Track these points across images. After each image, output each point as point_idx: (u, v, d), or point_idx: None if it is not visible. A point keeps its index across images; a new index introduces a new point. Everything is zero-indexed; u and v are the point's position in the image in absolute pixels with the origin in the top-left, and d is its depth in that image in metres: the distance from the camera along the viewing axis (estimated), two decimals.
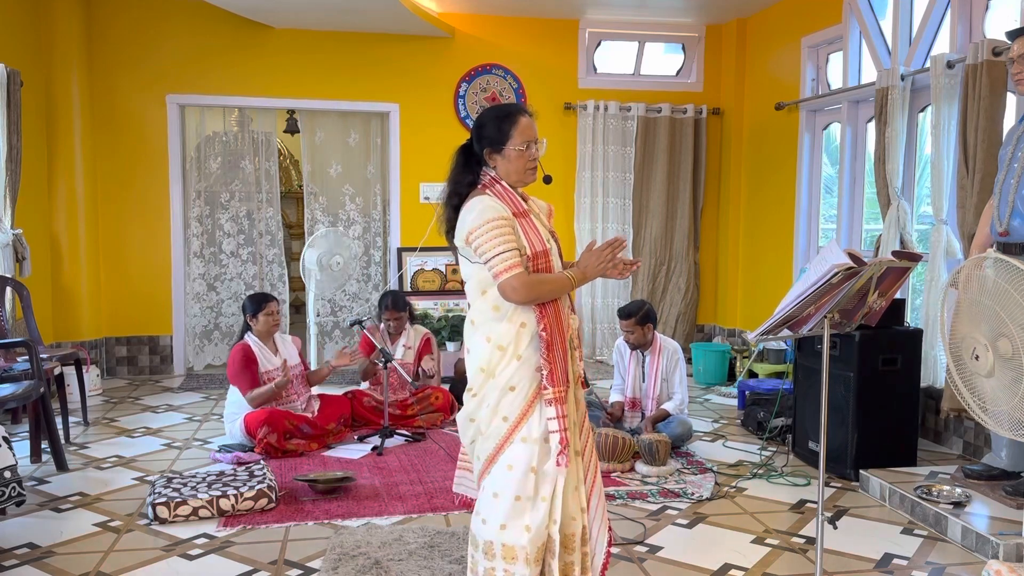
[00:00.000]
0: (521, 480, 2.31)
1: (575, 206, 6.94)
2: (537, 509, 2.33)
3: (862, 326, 2.67)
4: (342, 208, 6.93)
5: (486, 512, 2.35)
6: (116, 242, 6.36)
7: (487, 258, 2.31)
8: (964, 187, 4.18)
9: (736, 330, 6.96)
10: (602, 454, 4.03)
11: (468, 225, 2.32)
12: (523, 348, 2.33)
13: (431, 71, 6.69)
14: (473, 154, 2.43)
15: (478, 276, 2.37)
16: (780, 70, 6.36)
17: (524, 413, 2.33)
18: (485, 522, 2.35)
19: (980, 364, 2.82)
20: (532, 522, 2.32)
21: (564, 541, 2.41)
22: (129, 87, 6.28)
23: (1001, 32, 3.77)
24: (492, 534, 2.33)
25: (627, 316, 4.47)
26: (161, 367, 6.53)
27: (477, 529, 2.37)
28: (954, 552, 3.10)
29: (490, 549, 2.35)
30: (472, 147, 2.44)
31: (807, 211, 6.18)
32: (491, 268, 2.31)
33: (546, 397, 2.31)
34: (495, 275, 2.31)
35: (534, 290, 2.31)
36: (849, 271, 2.33)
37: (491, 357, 2.34)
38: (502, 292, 2.32)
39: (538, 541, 2.33)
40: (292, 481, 3.79)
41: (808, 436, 4.20)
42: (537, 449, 2.32)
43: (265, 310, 4.50)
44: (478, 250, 2.32)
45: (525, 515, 2.31)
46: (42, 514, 3.44)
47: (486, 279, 2.35)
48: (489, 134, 2.41)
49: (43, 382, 4.01)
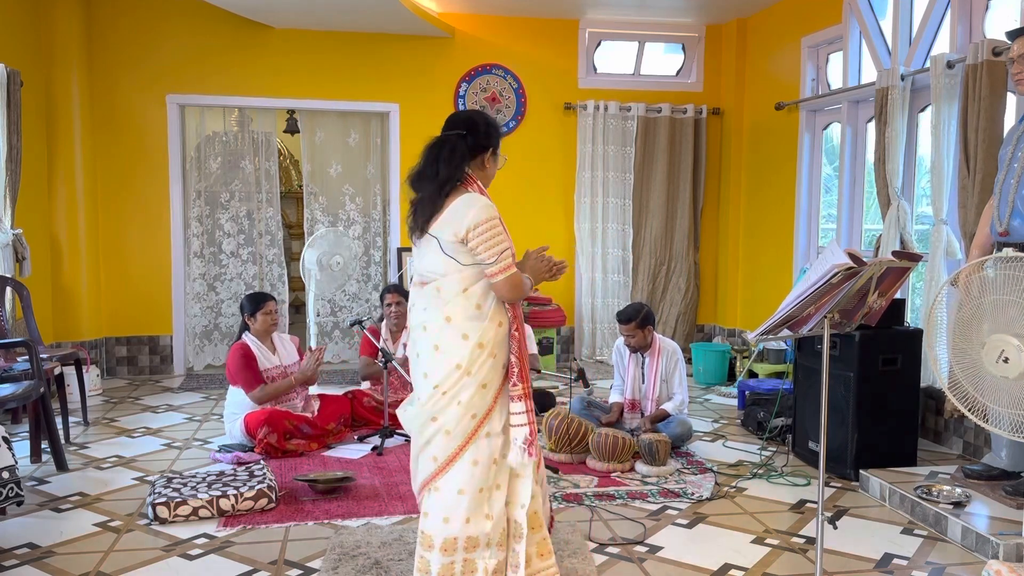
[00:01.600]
0: (484, 474, 2.41)
1: (575, 206, 6.94)
2: (497, 498, 2.45)
3: (862, 326, 2.67)
4: (342, 208, 6.93)
5: (448, 510, 2.40)
6: (116, 242, 6.36)
7: (486, 256, 2.35)
8: (964, 187, 4.17)
9: (736, 330, 6.96)
10: (602, 454, 4.03)
11: (469, 221, 2.34)
12: (497, 346, 2.41)
13: (431, 71, 6.69)
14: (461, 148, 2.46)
15: (461, 273, 2.39)
16: (780, 70, 6.36)
17: (490, 409, 2.43)
18: (448, 520, 2.40)
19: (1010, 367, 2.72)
20: (493, 510, 2.43)
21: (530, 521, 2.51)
22: (129, 87, 6.28)
23: (1001, 32, 3.77)
24: (456, 530, 2.40)
25: (627, 320, 4.45)
26: (161, 367, 6.53)
27: (435, 529, 2.41)
28: (954, 552, 3.10)
29: (452, 545, 2.41)
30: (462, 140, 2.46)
31: (807, 211, 6.18)
32: (489, 266, 2.36)
33: (515, 393, 2.42)
34: (493, 273, 2.37)
35: (521, 290, 2.42)
36: (849, 271, 2.33)
37: (470, 355, 2.38)
38: (498, 290, 2.38)
39: (500, 526, 2.44)
40: (292, 481, 3.79)
41: (808, 436, 4.20)
42: (500, 442, 2.44)
43: (263, 309, 4.50)
44: (476, 247, 2.35)
45: (485, 505, 2.42)
46: (42, 514, 3.44)
47: (469, 277, 2.39)
48: (488, 136, 2.49)
49: (43, 382, 4.01)
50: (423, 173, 2.47)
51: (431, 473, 2.43)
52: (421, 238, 2.48)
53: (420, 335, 2.45)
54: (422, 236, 2.47)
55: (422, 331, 2.45)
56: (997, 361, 2.75)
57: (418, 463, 2.49)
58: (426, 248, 2.46)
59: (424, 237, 2.46)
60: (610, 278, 7.04)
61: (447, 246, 2.39)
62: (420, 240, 2.49)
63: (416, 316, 2.48)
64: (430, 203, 2.43)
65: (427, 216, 2.43)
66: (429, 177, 2.44)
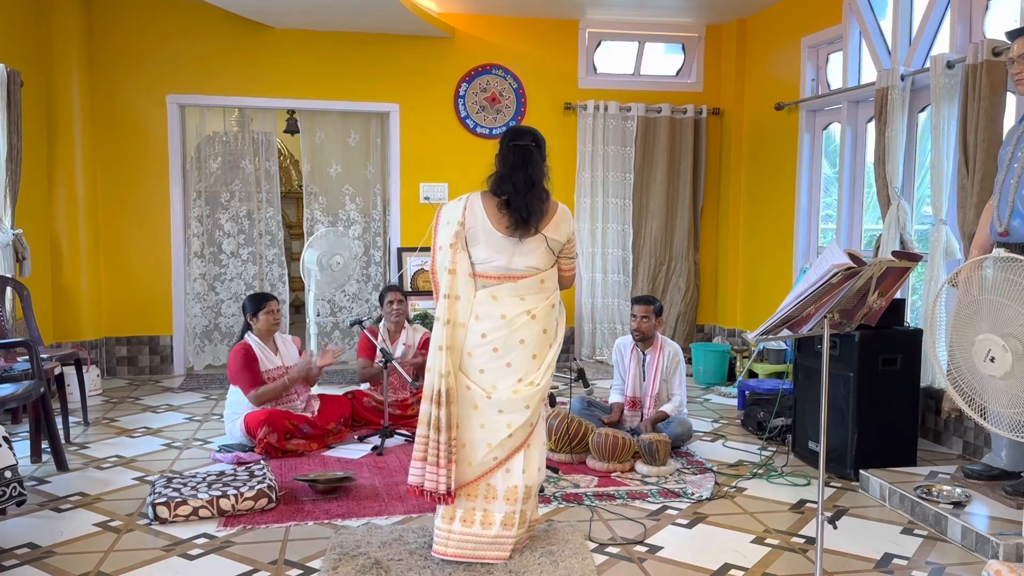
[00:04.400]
0: (543, 426, 2.97)
1: (575, 206, 6.94)
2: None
3: (862, 326, 2.68)
4: (342, 208, 6.94)
5: (539, 460, 2.91)
6: (116, 242, 6.36)
7: (575, 254, 3.00)
8: (964, 187, 4.18)
9: (736, 330, 6.96)
10: (602, 454, 4.03)
11: (573, 227, 2.95)
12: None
13: (431, 71, 6.69)
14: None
15: (554, 268, 2.93)
16: (780, 70, 6.36)
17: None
18: (540, 469, 2.91)
19: (996, 366, 2.75)
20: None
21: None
22: (129, 87, 6.29)
23: (1001, 32, 3.77)
24: (541, 476, 2.93)
25: (647, 302, 4.51)
26: (161, 367, 6.53)
27: (531, 480, 2.87)
28: (954, 552, 3.10)
29: (531, 493, 2.90)
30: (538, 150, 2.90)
31: (807, 211, 6.18)
32: (574, 261, 3.00)
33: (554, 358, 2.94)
34: (573, 267, 3.01)
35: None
36: (849, 271, 2.33)
37: (561, 333, 2.95)
38: (571, 280, 3.03)
39: None
40: (292, 481, 3.79)
41: (808, 436, 4.21)
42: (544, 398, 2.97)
43: (265, 309, 4.50)
44: (573, 248, 2.96)
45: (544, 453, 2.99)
46: (42, 514, 3.44)
47: (556, 271, 2.95)
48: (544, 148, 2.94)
49: (43, 382, 4.00)
50: (514, 180, 2.81)
51: (526, 437, 2.87)
52: (528, 238, 2.84)
53: (525, 322, 2.83)
54: (530, 236, 2.84)
55: (529, 319, 2.83)
56: (984, 360, 2.78)
57: (513, 435, 2.83)
58: (531, 247, 2.85)
59: (532, 237, 2.84)
60: (610, 278, 7.04)
61: (555, 244, 2.88)
62: (525, 240, 2.84)
63: (512, 306, 2.84)
64: (539, 207, 2.83)
65: (538, 219, 2.84)
66: (525, 183, 2.80)
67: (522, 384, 2.83)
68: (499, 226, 2.83)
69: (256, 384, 4.38)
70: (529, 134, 2.90)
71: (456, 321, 2.84)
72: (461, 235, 2.85)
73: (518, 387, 2.83)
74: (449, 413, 2.78)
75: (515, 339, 2.82)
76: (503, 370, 2.84)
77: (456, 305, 2.85)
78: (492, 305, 2.83)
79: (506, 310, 2.83)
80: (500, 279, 2.84)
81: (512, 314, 2.82)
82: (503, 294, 2.83)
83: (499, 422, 2.82)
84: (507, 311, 2.82)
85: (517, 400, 2.81)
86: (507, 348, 2.83)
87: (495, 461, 2.85)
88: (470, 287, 2.85)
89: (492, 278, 2.85)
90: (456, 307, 2.84)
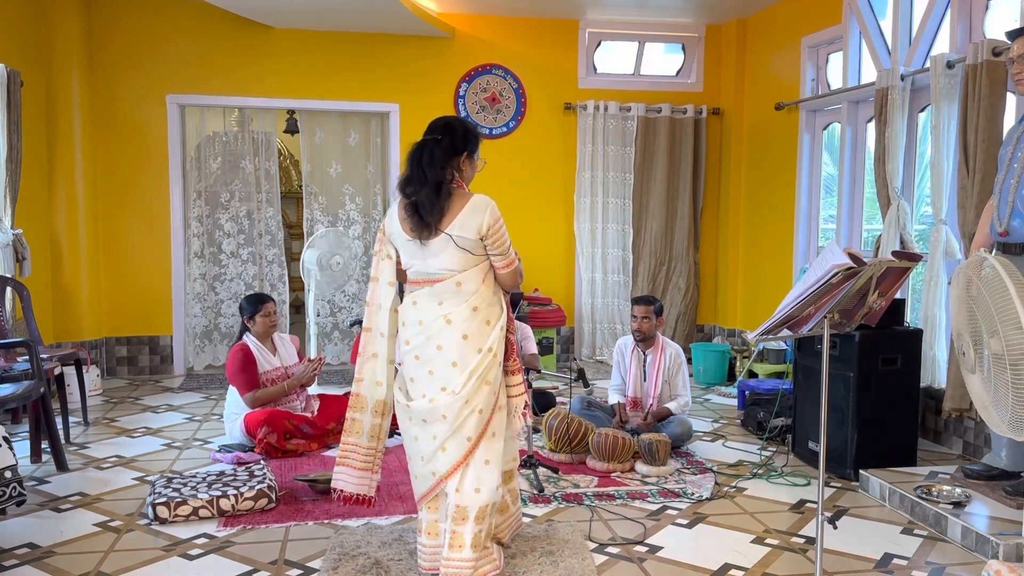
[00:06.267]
0: (500, 443, 2.70)
1: (575, 206, 6.94)
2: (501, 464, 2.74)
3: (862, 326, 2.68)
4: (342, 208, 6.93)
5: (480, 481, 2.64)
6: (116, 242, 6.36)
7: (505, 249, 2.67)
8: (964, 187, 4.17)
9: (736, 330, 6.96)
10: (602, 454, 4.03)
11: (488, 220, 2.61)
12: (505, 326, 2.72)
13: (431, 71, 6.69)
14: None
15: (479, 267, 2.65)
16: (780, 70, 6.36)
17: (500, 384, 2.71)
18: (479, 491, 2.63)
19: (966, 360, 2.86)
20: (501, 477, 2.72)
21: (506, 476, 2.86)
22: (129, 87, 6.28)
23: (1001, 32, 3.77)
24: (487, 498, 2.64)
25: (647, 302, 4.50)
26: (161, 367, 6.53)
27: (469, 501, 2.62)
28: (954, 552, 3.10)
29: (484, 513, 2.64)
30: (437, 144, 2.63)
31: (807, 211, 6.18)
32: (500, 259, 2.67)
33: (514, 368, 2.74)
34: (503, 265, 2.69)
35: (519, 278, 2.79)
36: (849, 271, 2.33)
37: (495, 337, 2.66)
38: (504, 280, 2.72)
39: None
40: (292, 481, 3.79)
41: (808, 436, 4.21)
42: (504, 413, 2.73)
43: (262, 311, 4.49)
44: (496, 243, 2.64)
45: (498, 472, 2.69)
46: (42, 514, 3.44)
47: (485, 269, 2.68)
48: (465, 140, 2.68)
49: (43, 382, 4.00)
50: (410, 178, 2.64)
51: (464, 452, 2.63)
52: (432, 239, 2.61)
53: (440, 328, 2.63)
54: (433, 237, 2.59)
55: (444, 324, 2.62)
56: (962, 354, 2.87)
57: (446, 448, 2.64)
58: (438, 247, 2.62)
59: (436, 237, 2.60)
60: (610, 278, 7.04)
61: (464, 243, 2.60)
62: (429, 241, 2.62)
63: (429, 311, 2.65)
64: (432, 205, 2.58)
65: (438, 217, 2.59)
66: (418, 181, 2.61)
67: (444, 393, 2.62)
68: (406, 229, 2.66)
69: (253, 386, 4.38)
70: (440, 127, 2.67)
71: (376, 329, 2.78)
72: (384, 242, 2.79)
73: (437, 396, 2.63)
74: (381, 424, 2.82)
75: (432, 345, 2.64)
76: (427, 378, 2.67)
77: (379, 314, 2.78)
78: (412, 311, 2.69)
79: (423, 315, 2.66)
80: (421, 284, 2.70)
81: (428, 319, 2.64)
82: (422, 299, 2.68)
83: (425, 433, 2.67)
84: (424, 316, 2.66)
85: (433, 409, 2.61)
86: (427, 355, 2.66)
87: (434, 476, 2.68)
88: (390, 295, 2.77)
89: (416, 283, 2.72)
90: (378, 316, 2.78)
